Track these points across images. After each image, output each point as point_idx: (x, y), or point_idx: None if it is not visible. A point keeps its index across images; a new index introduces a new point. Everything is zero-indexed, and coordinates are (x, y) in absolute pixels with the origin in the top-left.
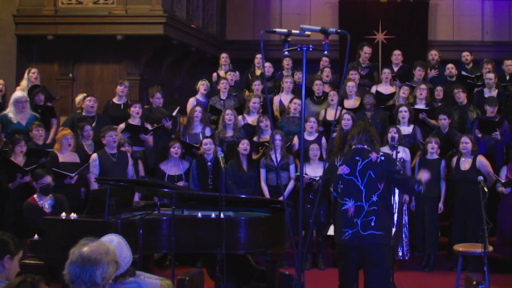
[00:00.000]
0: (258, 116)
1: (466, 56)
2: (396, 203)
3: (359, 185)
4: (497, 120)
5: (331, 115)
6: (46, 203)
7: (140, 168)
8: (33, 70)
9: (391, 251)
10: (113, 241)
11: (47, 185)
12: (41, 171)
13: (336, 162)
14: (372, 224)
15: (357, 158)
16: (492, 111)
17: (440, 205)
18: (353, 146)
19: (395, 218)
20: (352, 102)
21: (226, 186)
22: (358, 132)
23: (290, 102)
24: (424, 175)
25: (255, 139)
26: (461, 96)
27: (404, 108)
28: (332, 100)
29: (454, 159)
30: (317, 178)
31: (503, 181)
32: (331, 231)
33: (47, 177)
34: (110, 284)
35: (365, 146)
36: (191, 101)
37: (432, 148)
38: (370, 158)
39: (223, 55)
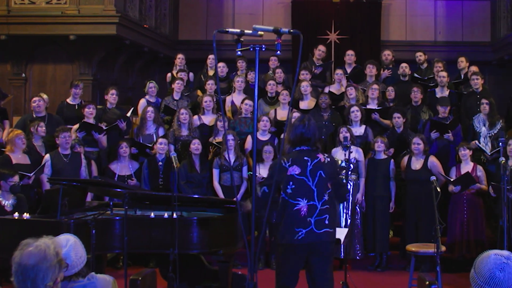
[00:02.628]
0: (217, 117)
1: (420, 56)
2: (349, 203)
3: (311, 185)
4: (449, 122)
5: (281, 115)
6: (8, 202)
7: (94, 169)
8: None
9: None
10: (69, 241)
11: (17, 184)
12: (8, 171)
13: (283, 164)
14: (326, 222)
15: (305, 158)
16: (444, 111)
17: (392, 204)
18: (297, 148)
19: (348, 219)
20: (307, 103)
21: (178, 186)
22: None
23: (242, 102)
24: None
25: (211, 139)
26: (417, 96)
27: (356, 108)
28: (284, 99)
29: (405, 159)
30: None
31: (452, 180)
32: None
33: (16, 176)
34: (62, 283)
35: (309, 147)
36: (142, 103)
37: (379, 147)
38: (318, 158)
39: (180, 56)
